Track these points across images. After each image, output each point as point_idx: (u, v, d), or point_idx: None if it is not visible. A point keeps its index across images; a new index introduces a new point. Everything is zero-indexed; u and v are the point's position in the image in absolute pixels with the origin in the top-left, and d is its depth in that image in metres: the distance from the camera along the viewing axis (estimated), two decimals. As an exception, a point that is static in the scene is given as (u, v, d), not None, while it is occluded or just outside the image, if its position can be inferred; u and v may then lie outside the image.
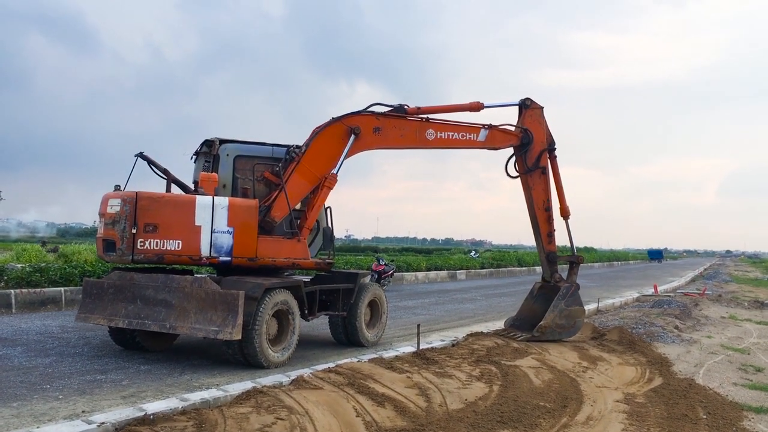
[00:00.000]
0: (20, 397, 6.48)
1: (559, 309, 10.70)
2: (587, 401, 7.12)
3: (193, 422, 5.58)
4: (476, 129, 10.71)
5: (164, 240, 8.17)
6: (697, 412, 6.95)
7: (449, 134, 10.48)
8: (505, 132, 10.93)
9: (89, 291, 8.86)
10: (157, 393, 6.79)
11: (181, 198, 8.44)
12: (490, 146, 10.86)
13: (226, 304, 7.79)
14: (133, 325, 8.36)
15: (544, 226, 11.10)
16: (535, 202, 11.04)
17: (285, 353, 8.47)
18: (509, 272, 35.86)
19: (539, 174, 11.03)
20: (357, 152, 9.75)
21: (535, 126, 11.06)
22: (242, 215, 8.52)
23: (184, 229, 8.23)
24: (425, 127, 10.25)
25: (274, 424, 5.64)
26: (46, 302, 13.23)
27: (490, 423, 6.09)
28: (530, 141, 10.96)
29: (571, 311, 10.80)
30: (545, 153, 11.06)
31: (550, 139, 11.15)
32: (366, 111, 9.81)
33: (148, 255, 8.14)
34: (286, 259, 8.88)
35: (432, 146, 10.42)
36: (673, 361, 9.79)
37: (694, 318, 15.10)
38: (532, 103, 11.10)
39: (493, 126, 10.82)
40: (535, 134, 11.04)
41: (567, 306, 10.76)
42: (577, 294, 10.99)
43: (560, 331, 10.74)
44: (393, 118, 10.04)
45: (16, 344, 9.24)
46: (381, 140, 9.93)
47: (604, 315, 15.67)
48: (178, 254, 8.27)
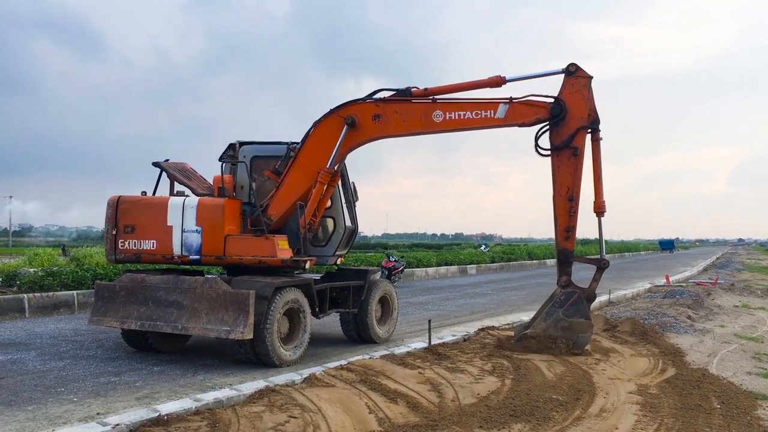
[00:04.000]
0: (35, 400, 6.53)
1: (554, 318, 9.13)
2: (600, 393, 7.10)
3: (206, 422, 5.61)
4: (494, 105, 9.22)
5: (141, 240, 8.74)
6: (710, 402, 6.92)
7: (460, 114, 9.21)
8: (530, 104, 9.22)
9: (101, 294, 8.92)
10: (170, 394, 6.83)
11: (155, 200, 8.84)
12: (511, 123, 9.24)
13: (237, 304, 7.83)
14: (145, 327, 8.43)
15: (562, 219, 9.29)
16: (557, 188, 9.23)
17: (297, 351, 8.50)
18: (520, 266, 35.78)
19: (569, 155, 9.15)
20: (356, 143, 9.30)
21: (575, 98, 9.17)
22: (209, 215, 8.60)
23: (158, 230, 8.70)
24: (431, 108, 9.23)
25: (287, 423, 5.66)
26: (58, 306, 13.31)
27: (503, 417, 6.08)
28: (562, 114, 9.11)
29: (571, 324, 9.06)
30: (582, 132, 9.14)
31: (593, 117, 9.16)
32: (366, 98, 9.31)
33: (128, 255, 8.81)
34: (252, 257, 8.58)
35: (441, 129, 9.32)
36: (686, 352, 9.74)
37: (707, 307, 15.02)
38: (577, 70, 9.17)
39: (514, 99, 9.21)
40: (573, 107, 9.16)
41: (566, 316, 9.10)
42: (583, 304, 9.16)
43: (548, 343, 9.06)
44: (394, 102, 9.29)
45: (30, 348, 9.31)
46: (382, 128, 9.27)
47: (615, 306, 15.62)
48: (153, 253, 8.76)
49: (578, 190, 9.19)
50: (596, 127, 9.17)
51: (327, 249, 9.74)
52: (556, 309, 9.20)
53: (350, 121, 9.06)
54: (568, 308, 9.12)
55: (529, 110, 9.21)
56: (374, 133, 9.29)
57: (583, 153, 9.18)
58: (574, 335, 9.01)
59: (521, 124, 9.26)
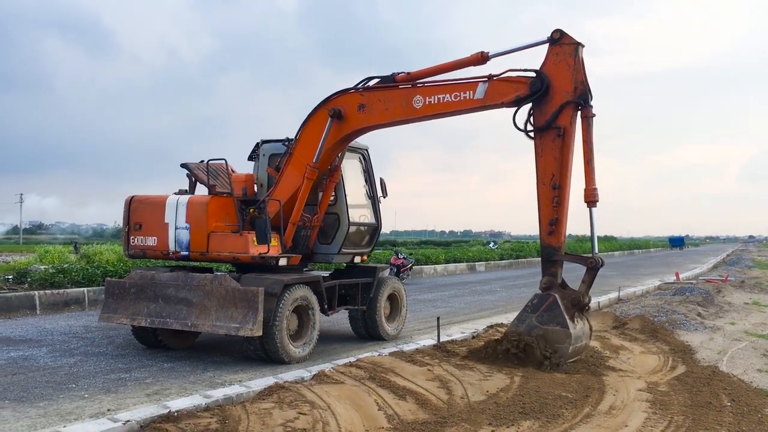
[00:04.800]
0: (47, 396, 6.58)
1: (527, 325, 7.92)
2: (610, 391, 7.08)
3: (216, 418, 5.64)
4: (473, 85, 8.28)
5: (146, 237, 9.03)
6: (721, 400, 6.89)
7: (440, 97, 8.40)
8: (510, 81, 8.11)
9: (111, 291, 9.00)
10: (180, 390, 6.86)
11: (156, 198, 9.07)
12: (491, 103, 8.20)
13: (246, 301, 7.86)
14: (155, 324, 8.49)
15: (545, 210, 8.04)
16: (540, 175, 8.06)
17: (306, 348, 8.52)
18: (529, 263, 35.69)
19: (553, 137, 7.94)
20: (343, 136, 8.88)
21: (559, 69, 7.95)
22: (195, 212, 8.72)
23: (158, 227, 8.93)
24: (412, 94, 8.53)
25: (296, 419, 5.68)
26: (69, 303, 13.39)
27: (512, 414, 6.08)
28: (544, 88, 7.95)
29: (546, 332, 7.77)
30: (569, 108, 7.88)
31: (580, 90, 7.83)
32: (352, 88, 8.88)
33: (137, 250, 9.15)
34: (228, 254, 8.62)
35: (422, 115, 8.57)
36: (696, 349, 9.70)
37: (717, 305, 14.95)
38: (562, 37, 7.96)
39: (493, 76, 8.18)
40: (557, 80, 7.94)
41: (540, 323, 7.82)
42: (559, 309, 7.76)
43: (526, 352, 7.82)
44: (378, 90, 8.75)
45: (41, 345, 9.37)
46: (366, 118, 8.76)
47: (625, 304, 15.57)
48: (154, 249, 9.02)
49: (565, 177, 7.94)
50: (586, 101, 7.85)
51: (331, 247, 9.60)
52: (528, 314, 7.95)
53: (333, 113, 8.75)
54: (542, 314, 7.83)
55: (509, 87, 8.14)
56: (359, 123, 8.83)
57: (572, 134, 7.93)
58: (551, 346, 7.74)
59: (501, 104, 8.21)
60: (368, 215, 10.12)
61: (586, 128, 7.89)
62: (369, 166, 10.18)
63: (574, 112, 7.90)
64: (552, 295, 7.89)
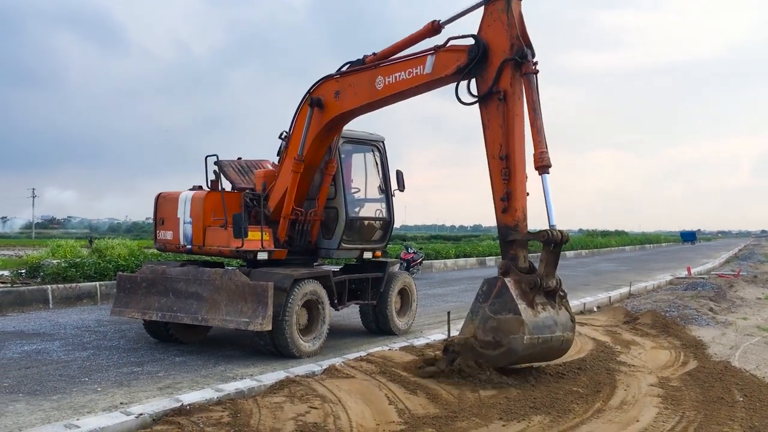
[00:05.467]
0: (60, 390, 6.63)
1: (481, 317, 6.91)
2: (621, 386, 7.06)
3: (228, 412, 5.67)
4: (423, 59, 7.76)
5: (166, 231, 9.26)
6: (733, 395, 6.86)
7: (397, 76, 7.97)
8: (452, 50, 7.54)
9: (123, 285, 9.09)
10: (192, 384, 6.90)
11: (173, 194, 9.28)
12: (439, 78, 7.65)
13: (255, 296, 7.88)
14: (166, 318, 8.55)
15: (497, 185, 7.19)
16: (489, 148, 7.27)
17: (316, 343, 8.54)
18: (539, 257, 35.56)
19: (497, 103, 7.15)
20: (324, 126, 8.63)
21: (494, 28, 7.23)
22: (196, 207, 8.91)
23: (173, 222, 9.16)
24: (375, 75, 8.17)
25: (307, 413, 5.70)
26: (81, 297, 13.48)
27: (523, 409, 6.07)
28: (481, 53, 7.22)
29: (499, 322, 6.74)
30: (508, 68, 7.07)
31: (517, 46, 7.04)
32: (329, 75, 8.66)
33: (161, 244, 9.43)
34: (217, 248, 8.80)
35: (384, 96, 8.16)
36: (708, 344, 9.66)
37: (729, 300, 14.87)
38: None
39: (439, 47, 7.64)
40: (494, 41, 7.21)
41: (493, 313, 6.81)
42: (509, 294, 6.74)
43: (485, 351, 6.86)
44: (350, 75, 8.47)
45: (54, 338, 9.45)
46: (340, 105, 8.50)
47: (636, 299, 15.52)
48: (171, 243, 9.24)
49: (513, 145, 7.08)
50: (523, 56, 7.04)
51: (332, 242, 9.51)
52: (480, 304, 6.99)
53: (311, 102, 8.65)
54: (493, 302, 6.86)
55: (451, 58, 7.54)
56: (335, 111, 8.57)
57: (516, 96, 7.12)
58: (504, 338, 6.68)
59: (446, 77, 7.60)
60: (380, 209, 10.06)
61: (527, 86, 7.10)
62: (384, 158, 10.03)
63: (514, 72, 7.09)
64: (499, 279, 6.93)
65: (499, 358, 6.78)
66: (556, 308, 7.00)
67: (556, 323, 6.91)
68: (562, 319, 6.99)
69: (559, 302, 7.07)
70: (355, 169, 10.08)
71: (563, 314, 7.05)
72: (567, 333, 7.02)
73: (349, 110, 8.56)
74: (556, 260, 7.04)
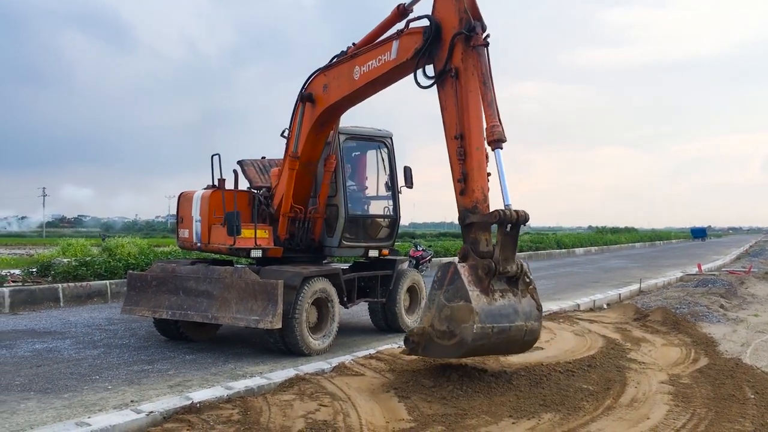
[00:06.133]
0: (71, 388, 6.67)
1: (437, 305, 6.44)
2: (631, 383, 7.04)
3: (238, 410, 5.69)
4: (389, 44, 7.66)
5: (184, 229, 9.42)
6: (744, 392, 6.82)
7: (370, 64, 7.86)
8: (411, 33, 7.43)
9: (133, 284, 9.14)
10: (202, 382, 6.92)
11: (189, 193, 9.41)
12: (402, 62, 7.46)
13: (265, 294, 7.90)
14: (176, 316, 8.59)
15: (454, 167, 6.86)
16: (447, 130, 6.97)
17: (326, 341, 8.55)
18: (548, 254, 35.52)
19: (451, 82, 6.92)
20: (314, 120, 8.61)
21: (445, 6, 7.04)
22: (204, 205, 9.05)
23: (189, 220, 9.31)
24: (353, 65, 8.11)
25: (317, 411, 5.71)
26: (92, 295, 13.56)
27: (533, 406, 6.06)
28: (434, 33, 7.06)
29: (452, 310, 6.28)
30: (459, 44, 6.83)
31: (465, 18, 6.79)
32: (319, 69, 8.66)
33: (181, 242, 9.60)
34: (217, 245, 8.97)
35: (361, 86, 8.07)
36: (719, 341, 9.60)
37: (740, 296, 14.78)
38: None
39: (401, 32, 7.55)
40: (445, 18, 7.02)
41: (447, 301, 6.35)
42: (461, 281, 6.26)
43: (441, 341, 6.39)
44: (335, 67, 8.44)
45: (65, 337, 9.50)
46: (327, 98, 8.46)
47: (647, 295, 15.44)
48: (187, 241, 9.40)
49: (470, 123, 6.76)
50: (470, 29, 6.76)
51: (333, 239, 9.45)
52: (435, 291, 6.51)
53: (302, 98, 8.71)
54: (447, 289, 6.39)
55: (410, 41, 7.39)
56: (323, 104, 8.52)
57: (470, 72, 6.81)
58: (456, 327, 6.24)
59: (407, 61, 7.40)
60: (387, 206, 10.03)
61: (477, 59, 6.75)
62: (391, 154, 9.93)
63: (465, 47, 6.82)
64: (452, 264, 6.48)
65: (452, 349, 6.32)
66: (518, 296, 6.49)
67: (517, 312, 6.39)
68: (524, 307, 6.46)
69: (524, 289, 6.56)
70: (360, 165, 10.07)
71: (527, 302, 6.51)
72: (531, 323, 6.46)
73: (334, 103, 8.46)
74: (515, 243, 6.51)
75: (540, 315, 6.65)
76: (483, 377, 6.86)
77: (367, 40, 8.20)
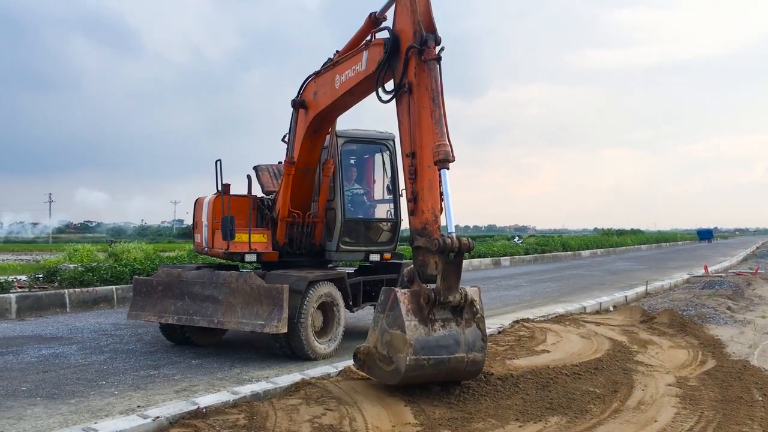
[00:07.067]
0: (77, 393, 6.68)
1: (380, 328, 6.29)
2: (638, 386, 7.01)
3: (244, 415, 5.68)
4: (360, 55, 7.52)
5: (197, 234, 9.60)
6: (752, 394, 6.79)
7: (347, 73, 7.74)
8: (375, 45, 7.27)
9: (139, 289, 9.15)
10: (208, 387, 6.93)
11: (202, 199, 9.54)
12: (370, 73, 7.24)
13: (271, 298, 7.90)
14: (182, 321, 8.60)
15: (406, 185, 6.74)
16: (403, 147, 6.83)
17: (331, 345, 8.55)
18: (554, 257, 35.47)
19: (406, 99, 6.71)
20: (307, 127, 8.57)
21: (402, 17, 6.87)
22: (210, 210, 9.16)
23: (201, 225, 9.47)
24: (335, 73, 8.04)
25: (323, 415, 5.70)
26: (98, 301, 13.59)
27: (539, 410, 6.04)
28: (392, 46, 6.88)
29: (392, 337, 6.13)
30: (413, 57, 6.60)
31: (418, 31, 6.58)
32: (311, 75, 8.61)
33: (195, 247, 9.86)
34: (215, 249, 9.09)
35: (340, 95, 8.00)
36: (726, 343, 9.56)
37: (748, 298, 14.72)
38: None
39: (369, 42, 7.41)
40: (402, 30, 6.83)
41: (388, 326, 6.19)
42: (398, 308, 6.07)
43: (381, 365, 6.28)
44: (323, 74, 8.37)
45: (71, 342, 9.52)
46: (316, 104, 8.39)
47: (653, 298, 15.39)
48: (199, 245, 9.60)
49: (422, 140, 6.51)
50: (423, 43, 6.53)
51: (332, 243, 9.38)
52: (379, 314, 6.39)
53: (294, 104, 8.72)
54: (388, 314, 6.21)
55: (375, 52, 7.20)
56: (314, 111, 8.46)
57: (424, 87, 6.54)
58: (393, 355, 6.10)
59: (371, 75, 7.23)
60: (388, 210, 9.97)
61: (427, 74, 6.50)
62: (393, 157, 9.84)
63: (418, 61, 6.59)
64: (392, 290, 6.28)
65: (389, 375, 6.19)
66: (461, 326, 6.26)
67: (458, 342, 6.18)
68: (468, 337, 6.24)
69: (469, 319, 6.33)
70: (361, 168, 10.05)
71: (471, 333, 6.30)
72: (473, 354, 6.24)
73: (322, 110, 8.39)
74: (458, 271, 6.19)
75: (485, 346, 6.42)
76: (489, 380, 6.85)
77: (347, 48, 8.20)
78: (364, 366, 6.51)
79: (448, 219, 6.27)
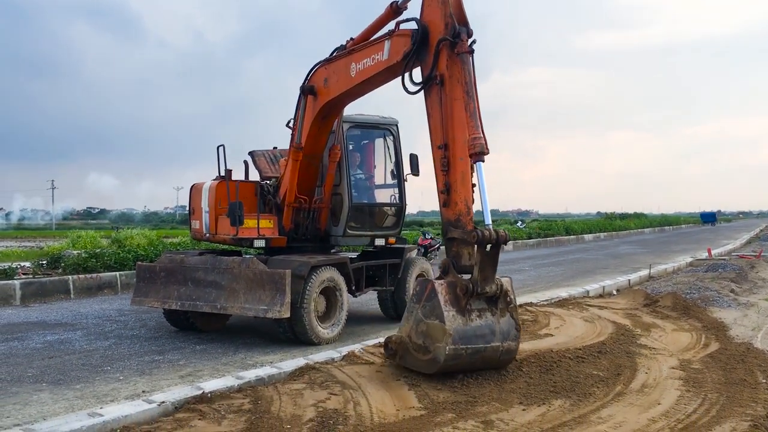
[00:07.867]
0: (83, 379, 6.71)
1: (415, 319, 6.40)
2: (642, 369, 7.02)
3: (249, 399, 5.71)
4: (381, 44, 7.54)
5: (195, 220, 9.50)
6: (755, 377, 6.79)
7: (365, 62, 7.75)
8: (401, 35, 7.28)
9: (142, 275, 9.18)
10: (213, 372, 6.95)
11: (200, 185, 9.46)
12: (393, 63, 7.33)
13: (273, 284, 7.91)
14: (185, 307, 8.63)
15: (438, 176, 6.79)
16: (433, 138, 6.86)
17: (335, 329, 8.57)
18: (557, 241, 35.44)
19: (437, 91, 6.78)
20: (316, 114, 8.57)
21: (432, 10, 6.87)
22: (211, 197, 9.13)
23: (200, 211, 9.39)
24: (350, 61, 8.01)
25: (328, 400, 5.72)
26: (102, 287, 13.63)
27: (543, 393, 6.05)
28: (422, 37, 6.90)
29: (428, 327, 6.24)
30: (444, 50, 6.67)
31: (450, 24, 6.63)
32: (320, 62, 8.60)
33: (193, 233, 9.76)
34: (223, 236, 9.05)
35: (357, 84, 8.00)
36: (730, 326, 9.56)
37: (751, 281, 14.71)
38: None
39: (392, 32, 7.43)
40: (432, 22, 6.86)
41: (424, 316, 6.30)
42: (437, 299, 6.16)
43: (417, 354, 6.34)
44: (335, 61, 8.33)
45: (76, 328, 9.56)
46: (327, 92, 8.37)
47: (656, 281, 15.39)
48: (198, 232, 9.49)
49: (454, 132, 6.61)
50: (455, 35, 6.58)
51: (338, 228, 9.43)
52: (414, 305, 6.50)
53: (303, 91, 8.69)
54: (424, 304, 6.33)
55: (400, 43, 7.22)
56: (325, 98, 8.45)
57: (456, 80, 6.60)
58: (431, 344, 6.20)
59: (395, 65, 7.28)
60: (393, 195, 9.98)
61: (460, 67, 6.56)
62: (397, 142, 9.88)
63: (450, 54, 6.65)
64: (430, 281, 6.42)
65: (426, 364, 6.27)
66: (497, 315, 6.40)
67: (494, 332, 6.32)
68: (502, 327, 6.39)
69: (503, 308, 6.46)
70: (365, 153, 10.03)
71: (506, 322, 6.44)
72: (508, 343, 6.39)
73: (335, 97, 8.39)
74: (494, 263, 6.33)
75: (518, 335, 6.58)
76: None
77: (363, 36, 8.13)
78: (395, 355, 6.57)
79: (485, 211, 6.42)
